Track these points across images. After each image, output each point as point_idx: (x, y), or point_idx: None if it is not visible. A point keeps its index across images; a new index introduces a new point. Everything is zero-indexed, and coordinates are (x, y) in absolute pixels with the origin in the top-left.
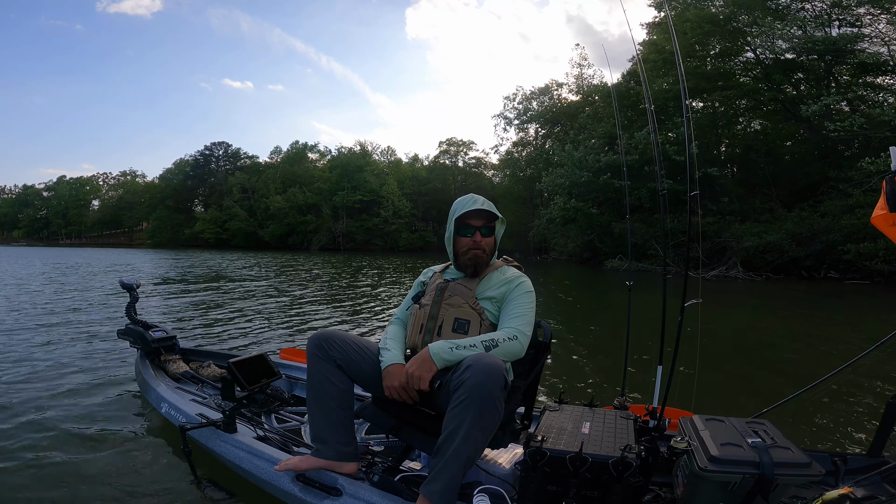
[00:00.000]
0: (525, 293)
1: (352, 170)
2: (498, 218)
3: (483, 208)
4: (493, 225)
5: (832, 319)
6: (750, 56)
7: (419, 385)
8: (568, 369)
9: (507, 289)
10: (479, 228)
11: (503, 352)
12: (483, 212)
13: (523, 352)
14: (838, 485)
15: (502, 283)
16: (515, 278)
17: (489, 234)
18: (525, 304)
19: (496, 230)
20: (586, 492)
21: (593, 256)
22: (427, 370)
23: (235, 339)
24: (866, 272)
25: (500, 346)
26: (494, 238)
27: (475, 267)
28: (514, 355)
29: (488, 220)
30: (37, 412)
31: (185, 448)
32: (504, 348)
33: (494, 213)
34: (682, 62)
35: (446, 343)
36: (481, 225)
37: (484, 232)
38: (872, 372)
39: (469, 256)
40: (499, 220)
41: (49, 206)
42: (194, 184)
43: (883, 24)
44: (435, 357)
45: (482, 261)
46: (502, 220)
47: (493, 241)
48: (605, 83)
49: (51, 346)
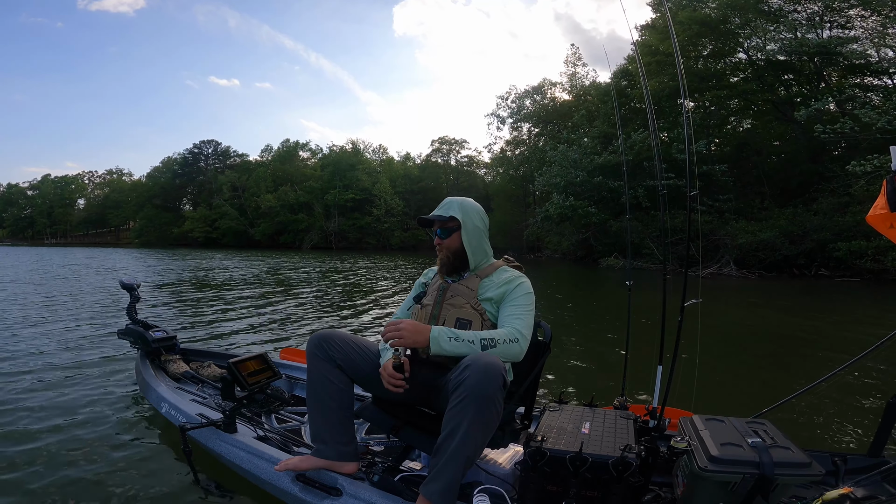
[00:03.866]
0: (524, 294)
1: (344, 168)
2: (450, 218)
3: (425, 216)
4: (451, 226)
5: (829, 317)
6: (742, 57)
7: (396, 335)
8: (568, 369)
9: (507, 289)
10: (435, 231)
11: (502, 352)
12: (434, 215)
13: (522, 355)
14: (838, 485)
15: (501, 284)
16: (515, 279)
17: (446, 235)
18: (525, 305)
19: (463, 229)
20: (586, 492)
21: (588, 254)
22: (419, 341)
23: (235, 339)
24: (856, 270)
25: (499, 348)
26: (460, 237)
27: (444, 266)
28: (512, 357)
29: (442, 222)
30: (36, 412)
31: (185, 448)
32: (503, 350)
33: (442, 216)
34: (677, 63)
35: (448, 332)
36: (436, 227)
37: (440, 234)
38: (872, 372)
39: (438, 257)
40: (460, 221)
41: (34, 205)
42: (183, 182)
43: (871, 23)
44: (433, 340)
45: (447, 261)
46: (462, 220)
47: (454, 241)
48: (598, 82)
49: (50, 347)
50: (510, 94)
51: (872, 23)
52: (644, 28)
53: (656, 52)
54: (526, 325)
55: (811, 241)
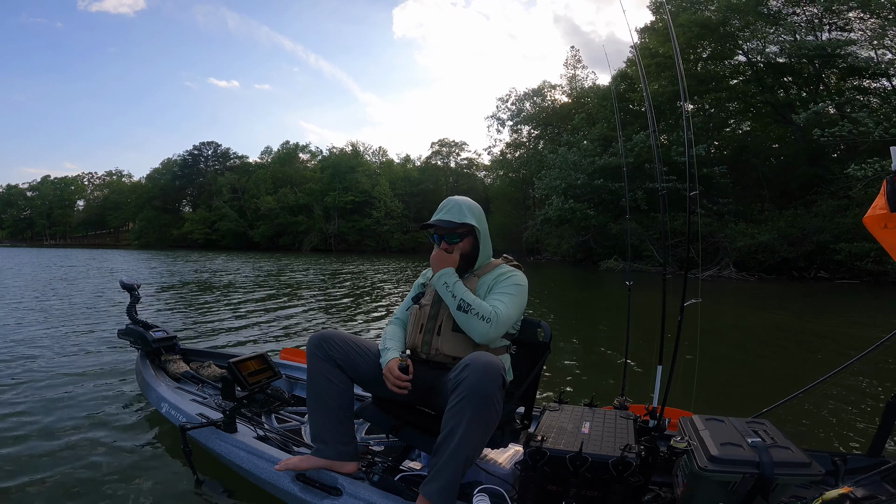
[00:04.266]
0: (514, 285)
1: (343, 170)
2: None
3: (437, 220)
4: (461, 232)
5: (829, 318)
6: (741, 59)
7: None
8: (568, 369)
9: (498, 280)
10: (443, 237)
11: (466, 322)
12: (443, 221)
13: (486, 338)
14: (838, 484)
15: (495, 278)
16: (508, 271)
17: (459, 239)
18: (511, 293)
19: (480, 236)
20: (586, 492)
21: (587, 257)
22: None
23: (235, 339)
24: (855, 272)
25: (468, 316)
26: (471, 241)
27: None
28: (474, 335)
29: (455, 227)
30: (36, 412)
31: (186, 448)
32: (470, 321)
33: (454, 222)
34: (677, 64)
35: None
36: (444, 234)
37: (449, 240)
38: (872, 372)
39: None
40: (474, 225)
41: (33, 207)
42: (182, 184)
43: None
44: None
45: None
46: (476, 225)
47: (465, 246)
48: (597, 85)
49: (50, 347)
50: (510, 97)
51: (872, 24)
52: (643, 31)
53: (655, 54)
54: (505, 310)
55: (811, 244)
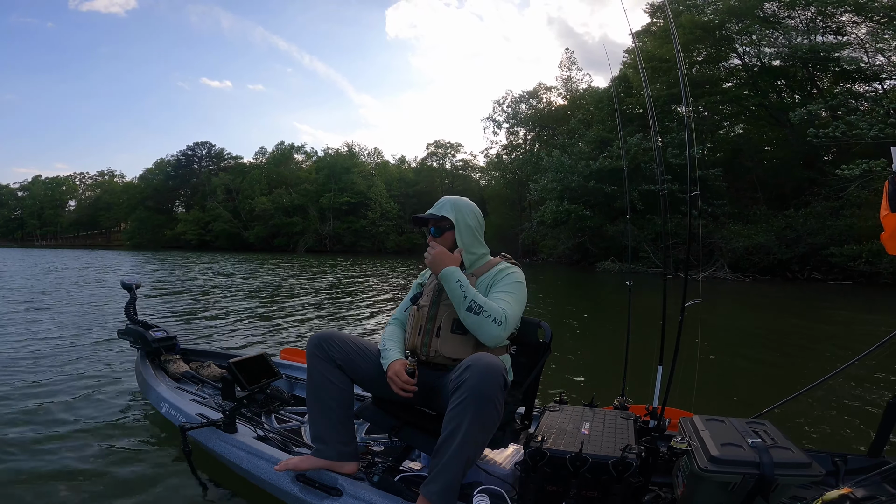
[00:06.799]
0: (515, 282)
1: (339, 171)
2: (443, 218)
3: (420, 215)
4: (444, 225)
5: (827, 318)
6: (736, 63)
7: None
8: (568, 369)
9: (497, 277)
10: (429, 230)
11: (478, 325)
12: (425, 214)
13: (495, 342)
14: (838, 485)
15: (494, 275)
16: (507, 268)
17: (439, 234)
18: (514, 292)
19: (455, 228)
20: (586, 492)
21: (583, 258)
22: (435, 270)
23: (235, 339)
24: (848, 273)
25: (481, 318)
26: (453, 236)
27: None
28: (485, 338)
29: (435, 221)
30: (36, 412)
31: (185, 448)
32: (482, 325)
33: (435, 215)
34: (674, 66)
35: (460, 277)
36: (430, 226)
37: (434, 233)
38: (872, 372)
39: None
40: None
41: (24, 207)
42: (176, 184)
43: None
44: (446, 273)
45: None
46: (455, 219)
47: (447, 240)
48: (593, 87)
49: (50, 347)
50: (506, 99)
51: (865, 28)
52: (639, 34)
53: (652, 57)
54: (512, 311)
55: (805, 245)
